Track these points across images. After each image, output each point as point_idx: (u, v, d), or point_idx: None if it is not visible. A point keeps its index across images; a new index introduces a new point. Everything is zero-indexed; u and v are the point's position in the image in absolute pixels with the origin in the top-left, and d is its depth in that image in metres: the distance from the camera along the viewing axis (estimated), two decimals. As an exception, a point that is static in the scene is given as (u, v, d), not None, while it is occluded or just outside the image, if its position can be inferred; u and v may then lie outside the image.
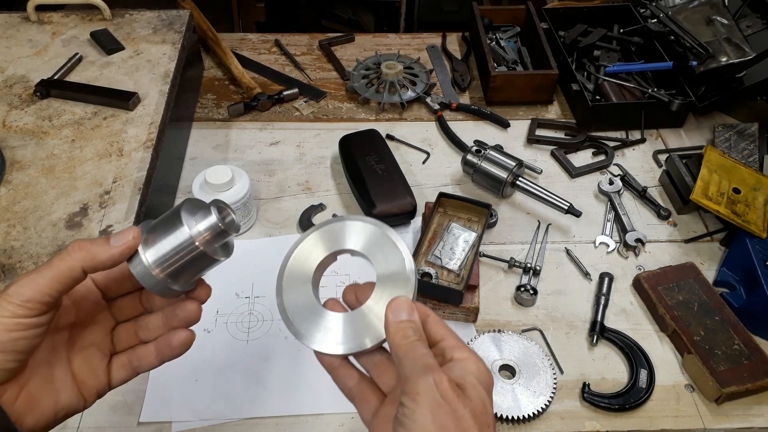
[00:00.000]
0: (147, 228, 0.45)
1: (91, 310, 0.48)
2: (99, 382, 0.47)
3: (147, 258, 0.44)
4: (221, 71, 1.20)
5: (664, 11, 1.15)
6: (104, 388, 0.47)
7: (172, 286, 0.45)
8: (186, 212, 0.45)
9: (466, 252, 0.83)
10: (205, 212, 0.45)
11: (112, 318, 0.49)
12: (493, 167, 0.95)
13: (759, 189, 0.91)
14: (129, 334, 0.49)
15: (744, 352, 0.75)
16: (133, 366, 0.48)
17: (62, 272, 0.42)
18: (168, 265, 0.44)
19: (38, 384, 0.43)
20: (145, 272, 0.44)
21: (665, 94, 1.08)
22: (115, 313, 0.50)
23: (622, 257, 0.90)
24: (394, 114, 1.13)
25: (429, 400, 0.39)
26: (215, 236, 0.45)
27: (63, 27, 1.06)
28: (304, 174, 1.01)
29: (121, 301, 0.50)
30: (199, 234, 0.44)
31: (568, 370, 0.77)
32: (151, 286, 0.44)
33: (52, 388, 0.44)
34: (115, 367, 0.48)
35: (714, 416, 0.73)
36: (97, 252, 0.43)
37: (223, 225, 0.45)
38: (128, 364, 0.48)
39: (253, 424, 0.71)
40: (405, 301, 0.44)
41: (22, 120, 0.89)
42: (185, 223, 0.44)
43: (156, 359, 0.48)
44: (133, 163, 0.83)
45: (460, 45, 1.31)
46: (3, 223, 0.75)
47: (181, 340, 0.47)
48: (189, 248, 0.44)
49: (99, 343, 0.48)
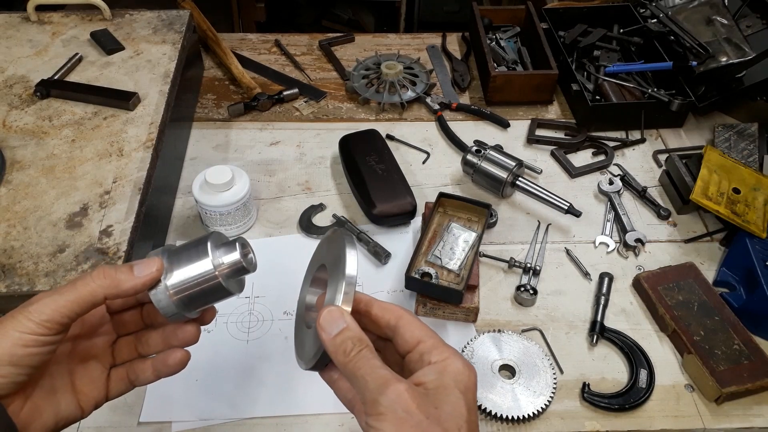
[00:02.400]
0: (167, 253, 0.47)
1: (95, 323, 0.49)
2: (97, 394, 0.48)
3: (167, 284, 0.45)
4: (221, 71, 1.20)
5: (663, 11, 1.15)
6: (102, 399, 0.48)
7: (183, 312, 0.47)
8: (212, 244, 0.47)
9: (466, 252, 0.83)
10: (229, 247, 0.47)
11: (113, 331, 0.51)
12: (493, 167, 0.95)
13: (759, 189, 0.91)
14: (129, 347, 0.51)
15: (744, 352, 0.75)
16: (131, 379, 0.50)
17: (84, 297, 0.43)
18: (185, 292, 0.46)
19: (41, 395, 0.45)
20: (162, 298, 0.45)
21: (665, 94, 1.08)
22: (117, 326, 0.51)
23: (622, 257, 0.90)
24: (394, 114, 1.13)
25: (391, 418, 0.38)
26: (234, 272, 0.47)
27: (63, 27, 1.06)
28: (304, 174, 1.01)
29: (124, 316, 0.51)
30: (221, 266, 0.46)
31: (567, 370, 0.77)
32: (166, 311, 0.46)
33: (54, 399, 0.45)
34: (113, 380, 0.49)
35: (714, 416, 0.73)
36: (122, 281, 0.44)
37: (244, 262, 0.47)
38: (126, 378, 0.49)
39: (253, 424, 0.71)
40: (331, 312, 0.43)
41: (22, 120, 0.89)
42: (210, 255, 0.46)
43: (152, 375, 0.49)
44: (133, 163, 0.83)
45: (460, 45, 1.31)
46: (3, 223, 0.75)
47: (177, 360, 0.49)
48: (209, 279, 0.46)
49: (100, 355, 0.49)
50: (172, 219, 0.93)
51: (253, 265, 0.49)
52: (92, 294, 0.43)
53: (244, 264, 0.47)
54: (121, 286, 0.44)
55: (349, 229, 0.91)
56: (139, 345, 0.51)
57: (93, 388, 0.47)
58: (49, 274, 0.70)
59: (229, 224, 0.88)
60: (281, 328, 0.80)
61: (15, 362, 0.41)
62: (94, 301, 0.43)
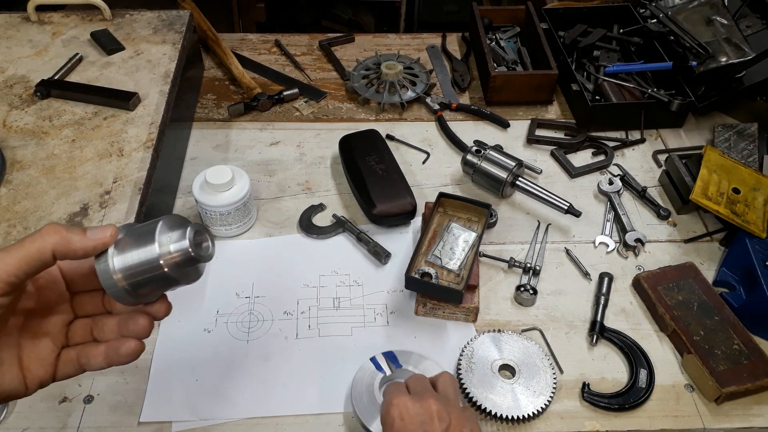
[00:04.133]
0: (125, 229, 0.45)
1: (53, 299, 0.47)
2: (45, 373, 0.46)
3: (113, 262, 0.43)
4: (221, 71, 1.20)
5: (663, 11, 1.15)
6: (48, 379, 0.46)
7: (129, 296, 0.44)
8: (162, 229, 0.44)
9: (466, 252, 0.83)
10: (181, 234, 0.44)
11: (71, 311, 0.49)
12: (492, 167, 0.95)
13: (758, 189, 0.91)
14: (84, 330, 0.49)
15: (744, 352, 0.75)
16: (81, 363, 0.47)
17: (32, 254, 0.41)
18: (130, 275, 0.44)
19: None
20: (107, 275, 0.43)
21: (665, 94, 1.08)
22: (76, 307, 0.49)
23: (622, 257, 0.90)
24: (394, 114, 1.13)
25: None
26: (184, 261, 0.44)
27: (63, 27, 1.06)
28: (304, 174, 1.01)
29: (84, 297, 0.49)
30: (169, 254, 0.44)
31: (567, 370, 0.77)
32: (110, 289, 0.44)
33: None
34: (62, 361, 0.47)
35: (713, 416, 0.73)
36: (72, 239, 0.42)
37: (193, 252, 0.44)
38: (76, 360, 0.47)
39: (253, 424, 0.71)
40: None
41: (22, 120, 0.89)
42: (156, 241, 0.43)
43: (104, 361, 0.47)
44: (133, 163, 0.83)
45: (460, 45, 1.31)
46: (3, 223, 0.75)
47: (129, 350, 0.47)
48: (153, 266, 0.43)
49: (53, 333, 0.47)
50: (172, 219, 0.93)
51: (207, 255, 0.46)
52: (40, 250, 0.41)
53: (194, 253, 0.44)
54: (71, 245, 0.42)
55: (349, 229, 0.91)
56: (95, 329, 0.48)
57: (40, 366, 0.45)
58: (50, 274, 0.70)
59: (229, 224, 0.88)
60: (281, 328, 0.80)
61: None
62: (42, 258, 0.41)
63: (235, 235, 0.90)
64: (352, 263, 0.88)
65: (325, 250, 0.89)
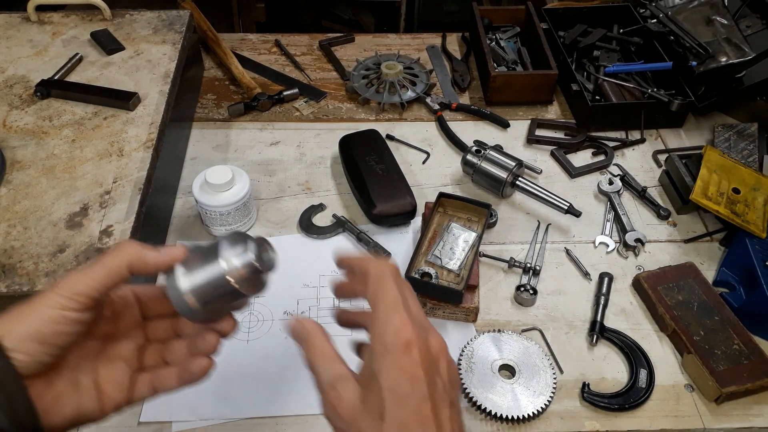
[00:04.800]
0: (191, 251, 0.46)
1: (127, 324, 0.49)
2: (120, 396, 0.47)
3: (182, 281, 0.45)
4: (221, 71, 1.20)
5: (663, 11, 1.15)
6: (123, 402, 0.47)
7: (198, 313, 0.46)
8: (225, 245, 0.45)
9: (466, 252, 0.83)
10: (244, 248, 0.45)
11: (144, 336, 0.50)
12: (492, 167, 0.95)
13: (758, 189, 0.91)
14: (157, 354, 0.50)
15: (744, 352, 0.75)
16: (154, 386, 0.48)
17: (111, 268, 0.43)
18: (199, 293, 0.45)
19: (64, 386, 0.44)
20: (177, 294, 0.45)
21: (665, 94, 1.08)
22: (149, 331, 0.50)
23: (622, 257, 0.90)
24: (394, 114, 1.13)
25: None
26: (250, 273, 0.45)
27: (63, 27, 1.06)
28: (304, 174, 1.01)
29: (156, 322, 0.51)
30: (235, 269, 0.45)
31: (567, 370, 0.77)
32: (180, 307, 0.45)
33: (77, 392, 0.45)
34: (137, 384, 0.48)
35: (714, 416, 0.73)
36: (146, 254, 0.44)
37: (258, 263, 0.45)
38: (150, 383, 0.48)
39: (253, 424, 0.71)
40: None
41: (22, 120, 0.89)
42: (221, 256, 0.44)
43: (176, 382, 0.48)
44: (133, 163, 0.83)
45: (460, 45, 1.31)
46: (3, 223, 0.75)
47: (200, 368, 0.48)
48: (221, 282, 0.44)
49: (128, 357, 0.48)
50: (172, 219, 0.93)
51: (271, 265, 0.47)
52: (118, 264, 0.43)
53: (259, 266, 0.45)
54: (145, 259, 0.44)
55: (349, 229, 0.91)
56: (166, 352, 0.50)
57: (116, 389, 0.47)
58: (50, 274, 0.70)
59: (229, 224, 0.88)
60: (281, 328, 0.80)
61: (41, 339, 0.40)
62: (120, 272, 0.43)
63: (235, 235, 0.90)
64: None
65: (325, 250, 0.89)
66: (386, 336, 0.40)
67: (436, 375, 0.40)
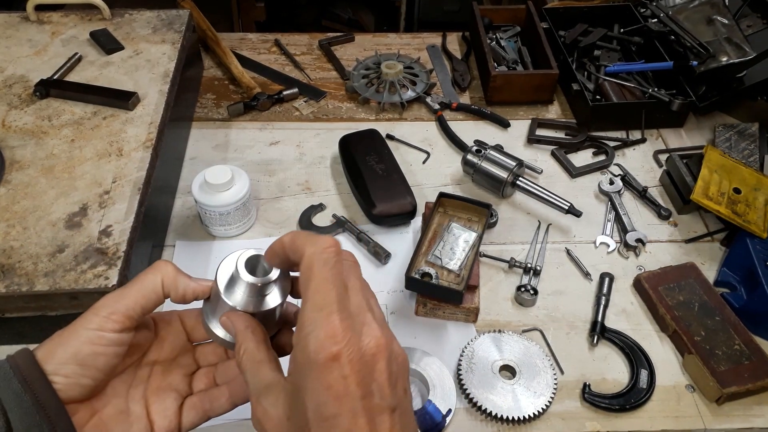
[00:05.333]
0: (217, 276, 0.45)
1: (175, 350, 0.48)
2: (170, 424, 0.45)
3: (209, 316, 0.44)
4: (221, 71, 1.20)
5: (664, 11, 1.15)
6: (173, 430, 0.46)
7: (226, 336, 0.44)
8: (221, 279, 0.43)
9: (466, 252, 0.83)
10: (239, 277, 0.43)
11: (195, 363, 0.49)
12: (493, 167, 0.94)
13: (759, 189, 0.91)
14: (207, 378, 0.48)
15: (744, 352, 0.75)
16: (204, 409, 0.47)
17: (146, 286, 0.43)
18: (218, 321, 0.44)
19: (112, 413, 0.43)
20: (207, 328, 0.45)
21: (665, 94, 1.08)
22: (199, 358, 0.49)
23: (623, 257, 0.90)
24: (394, 114, 1.13)
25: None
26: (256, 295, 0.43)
27: (62, 27, 1.06)
28: (304, 174, 1.01)
29: (206, 347, 0.49)
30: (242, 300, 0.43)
31: (568, 371, 0.77)
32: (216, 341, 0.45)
33: (126, 421, 0.44)
34: (186, 409, 0.46)
35: (714, 416, 0.73)
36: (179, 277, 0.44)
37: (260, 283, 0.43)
38: (199, 406, 0.47)
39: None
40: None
41: (21, 120, 0.89)
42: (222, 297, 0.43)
43: (227, 402, 0.47)
44: (132, 163, 0.83)
45: (460, 45, 1.31)
46: (2, 223, 0.75)
47: None
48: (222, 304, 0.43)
49: (177, 384, 0.47)
50: (171, 219, 0.93)
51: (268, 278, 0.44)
52: (154, 283, 0.43)
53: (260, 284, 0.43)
54: (177, 283, 0.44)
55: (349, 229, 0.91)
56: (217, 375, 0.48)
57: (165, 417, 0.45)
58: (49, 274, 0.70)
59: (229, 224, 0.88)
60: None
61: (80, 362, 0.40)
62: (156, 290, 0.43)
63: (235, 235, 0.90)
64: None
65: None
66: (309, 347, 0.34)
67: (371, 382, 0.35)
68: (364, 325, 0.36)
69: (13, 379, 0.38)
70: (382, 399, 0.35)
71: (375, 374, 0.35)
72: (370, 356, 0.35)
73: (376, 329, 0.36)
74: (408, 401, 0.37)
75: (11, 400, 0.38)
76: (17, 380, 0.38)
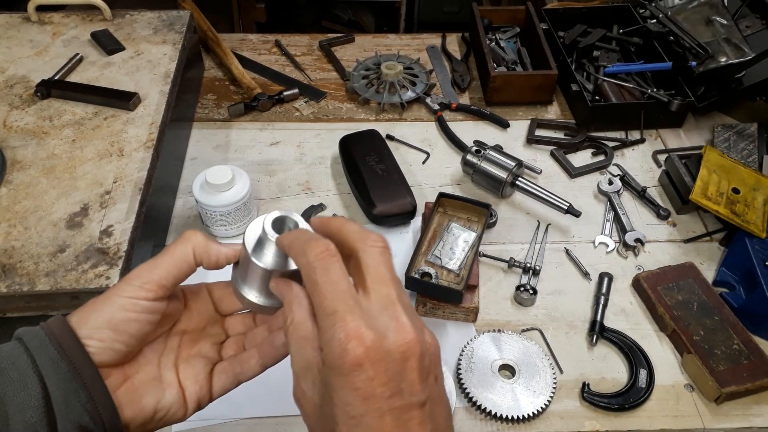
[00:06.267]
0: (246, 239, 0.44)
1: (204, 320, 0.49)
2: (200, 389, 0.46)
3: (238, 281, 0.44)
4: (221, 72, 1.20)
5: (663, 12, 1.15)
6: (205, 397, 0.47)
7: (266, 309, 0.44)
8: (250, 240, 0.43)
9: (466, 252, 0.83)
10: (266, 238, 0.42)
11: (223, 332, 0.50)
12: (492, 167, 0.95)
13: (758, 189, 0.91)
14: (237, 345, 0.49)
15: (743, 351, 0.75)
16: (235, 372, 0.47)
17: (177, 256, 0.43)
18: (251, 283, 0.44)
19: (144, 379, 0.44)
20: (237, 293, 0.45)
21: (664, 95, 1.08)
22: (228, 328, 0.50)
23: (622, 257, 0.90)
24: (394, 114, 1.13)
25: None
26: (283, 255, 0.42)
27: (64, 27, 1.06)
28: (304, 174, 1.01)
29: (236, 317, 0.50)
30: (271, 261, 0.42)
31: (567, 370, 0.77)
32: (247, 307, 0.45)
33: (159, 387, 0.45)
34: (216, 374, 0.47)
35: (713, 416, 0.73)
36: (209, 245, 0.44)
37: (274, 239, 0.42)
38: (229, 370, 0.47)
39: (253, 424, 0.71)
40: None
41: (22, 120, 0.89)
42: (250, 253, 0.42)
43: (258, 364, 0.47)
44: (133, 163, 0.83)
45: (459, 45, 1.31)
46: (3, 223, 0.76)
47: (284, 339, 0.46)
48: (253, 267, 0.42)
49: (207, 352, 0.48)
50: (172, 219, 0.93)
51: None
52: (185, 253, 0.44)
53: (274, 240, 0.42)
54: (209, 249, 0.44)
55: (349, 229, 0.91)
56: (246, 342, 0.49)
57: (196, 383, 0.46)
58: (50, 274, 0.70)
59: (229, 224, 0.88)
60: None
61: (114, 327, 0.41)
62: (187, 259, 0.44)
63: (235, 235, 0.90)
64: None
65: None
66: (331, 353, 0.34)
67: (401, 381, 0.34)
68: (393, 320, 0.35)
69: (49, 345, 0.39)
70: (412, 395, 0.34)
71: (405, 372, 0.34)
72: (399, 354, 0.34)
73: (406, 325, 0.35)
74: (440, 388, 0.37)
75: (48, 367, 0.39)
76: (53, 347, 0.39)
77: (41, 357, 0.39)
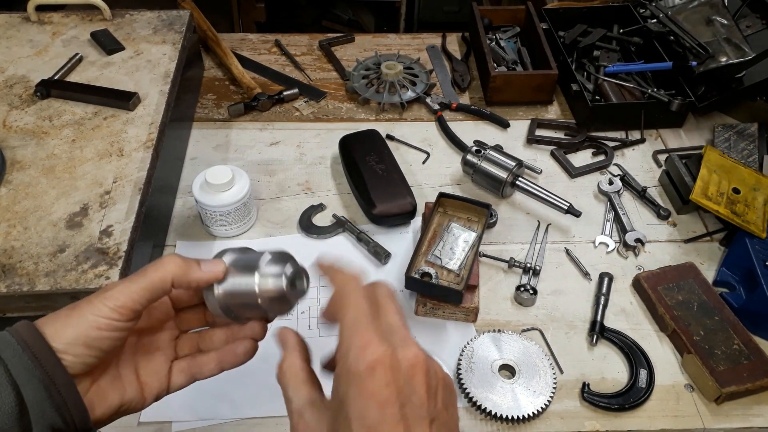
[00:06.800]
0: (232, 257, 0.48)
1: (161, 317, 0.51)
2: (159, 384, 0.49)
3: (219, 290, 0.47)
4: (221, 71, 1.20)
5: (663, 11, 1.15)
6: (163, 391, 0.49)
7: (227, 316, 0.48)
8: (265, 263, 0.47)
9: (466, 252, 0.83)
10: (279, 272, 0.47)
11: (176, 327, 0.52)
12: (492, 167, 0.95)
13: (758, 189, 0.91)
14: (191, 343, 0.52)
15: (743, 352, 0.75)
16: (192, 372, 0.51)
17: (154, 282, 0.45)
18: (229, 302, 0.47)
19: (108, 380, 0.46)
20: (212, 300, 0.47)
21: (665, 95, 1.08)
22: (180, 323, 0.53)
23: (622, 257, 0.90)
24: (394, 114, 1.13)
25: None
26: (278, 297, 0.47)
27: (63, 27, 1.06)
28: (304, 174, 1.01)
29: (188, 313, 0.53)
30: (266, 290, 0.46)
31: (567, 370, 0.77)
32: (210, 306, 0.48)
33: (120, 385, 0.47)
34: (175, 372, 0.50)
35: (713, 416, 0.73)
36: (190, 271, 0.46)
37: (288, 293, 0.47)
38: (187, 370, 0.51)
39: (253, 424, 0.71)
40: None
41: (22, 120, 0.89)
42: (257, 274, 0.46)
43: (216, 367, 0.51)
44: (133, 163, 0.83)
45: (460, 45, 1.31)
46: (3, 223, 0.75)
47: (245, 350, 0.50)
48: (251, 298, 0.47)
49: (164, 348, 0.51)
50: (172, 219, 0.93)
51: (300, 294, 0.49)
52: (162, 280, 0.45)
53: (288, 295, 0.47)
54: (189, 275, 0.46)
55: (349, 229, 0.91)
56: (201, 342, 0.52)
57: (155, 379, 0.49)
58: (49, 274, 0.70)
59: (229, 224, 0.88)
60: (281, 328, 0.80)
61: (88, 344, 0.43)
62: (163, 287, 0.45)
63: (235, 235, 0.90)
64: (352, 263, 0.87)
65: (325, 250, 0.89)
66: (349, 359, 0.37)
67: (410, 393, 0.36)
68: (403, 341, 0.38)
69: (22, 355, 0.40)
70: (420, 408, 0.36)
71: (413, 384, 0.37)
72: (408, 367, 0.37)
73: (414, 345, 0.38)
74: (452, 420, 0.38)
75: (22, 376, 0.40)
76: (27, 357, 0.40)
77: (15, 366, 0.40)
